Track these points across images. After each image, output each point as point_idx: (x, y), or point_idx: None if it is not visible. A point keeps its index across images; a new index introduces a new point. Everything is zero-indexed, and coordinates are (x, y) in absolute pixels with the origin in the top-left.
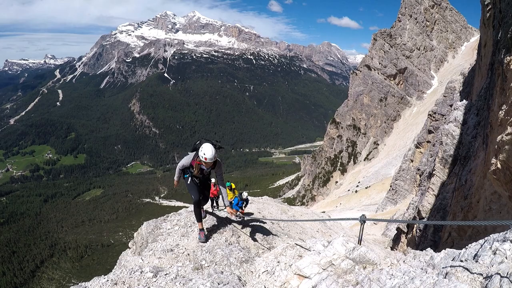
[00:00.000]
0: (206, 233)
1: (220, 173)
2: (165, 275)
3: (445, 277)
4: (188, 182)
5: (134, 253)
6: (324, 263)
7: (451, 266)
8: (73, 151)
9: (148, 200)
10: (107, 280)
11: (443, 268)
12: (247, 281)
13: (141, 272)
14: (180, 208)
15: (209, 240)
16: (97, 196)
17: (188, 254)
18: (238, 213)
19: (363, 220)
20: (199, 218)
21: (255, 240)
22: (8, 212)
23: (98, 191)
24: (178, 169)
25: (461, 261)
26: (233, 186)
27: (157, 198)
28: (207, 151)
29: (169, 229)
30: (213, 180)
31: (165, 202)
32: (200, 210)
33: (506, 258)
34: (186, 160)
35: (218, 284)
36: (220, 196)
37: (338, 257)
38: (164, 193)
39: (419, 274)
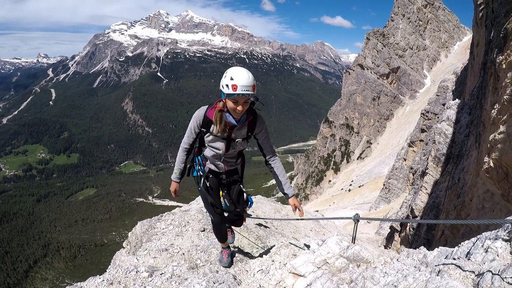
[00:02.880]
0: (231, 252)
1: (266, 138)
2: (161, 274)
3: (437, 275)
4: (200, 186)
5: (128, 252)
6: (319, 261)
7: (443, 264)
8: (66, 150)
9: (141, 199)
10: (103, 280)
11: (436, 266)
12: (242, 280)
13: (136, 272)
14: (173, 207)
15: (203, 240)
16: (90, 196)
17: (183, 254)
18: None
19: (356, 219)
20: (223, 238)
21: (249, 239)
22: (0, 212)
23: (91, 191)
24: (182, 151)
25: (454, 259)
26: None
27: (150, 197)
28: (238, 73)
29: (163, 228)
30: None
31: (158, 202)
32: (223, 229)
33: (497, 255)
34: (196, 117)
35: (214, 283)
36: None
37: (332, 256)
38: (157, 192)
39: (412, 272)
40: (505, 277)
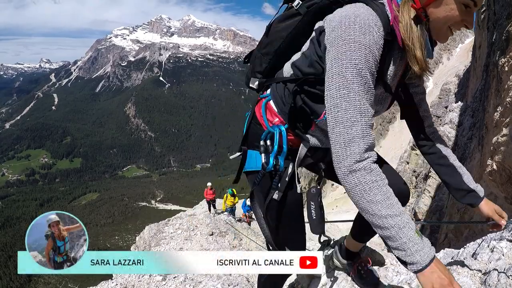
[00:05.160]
0: None
1: (422, 89)
2: (174, 278)
3: None
4: (277, 197)
5: None
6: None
7: (451, 264)
8: (69, 155)
9: (144, 203)
10: (116, 284)
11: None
12: (255, 282)
13: (150, 276)
14: (176, 211)
15: (212, 243)
16: (93, 200)
17: None
18: (246, 218)
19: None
20: None
21: (256, 242)
22: (4, 217)
23: (94, 195)
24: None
25: (460, 259)
26: (235, 192)
27: (153, 201)
28: None
29: (171, 233)
30: (209, 184)
31: (161, 206)
32: None
33: (503, 255)
34: (370, 30)
35: (229, 285)
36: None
37: None
38: (160, 196)
39: None
40: (510, 275)
